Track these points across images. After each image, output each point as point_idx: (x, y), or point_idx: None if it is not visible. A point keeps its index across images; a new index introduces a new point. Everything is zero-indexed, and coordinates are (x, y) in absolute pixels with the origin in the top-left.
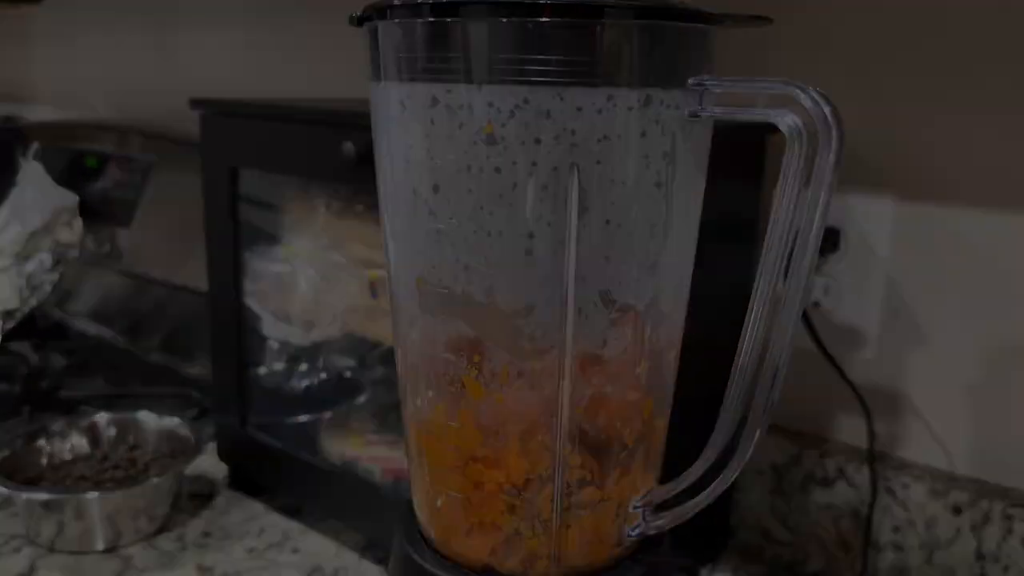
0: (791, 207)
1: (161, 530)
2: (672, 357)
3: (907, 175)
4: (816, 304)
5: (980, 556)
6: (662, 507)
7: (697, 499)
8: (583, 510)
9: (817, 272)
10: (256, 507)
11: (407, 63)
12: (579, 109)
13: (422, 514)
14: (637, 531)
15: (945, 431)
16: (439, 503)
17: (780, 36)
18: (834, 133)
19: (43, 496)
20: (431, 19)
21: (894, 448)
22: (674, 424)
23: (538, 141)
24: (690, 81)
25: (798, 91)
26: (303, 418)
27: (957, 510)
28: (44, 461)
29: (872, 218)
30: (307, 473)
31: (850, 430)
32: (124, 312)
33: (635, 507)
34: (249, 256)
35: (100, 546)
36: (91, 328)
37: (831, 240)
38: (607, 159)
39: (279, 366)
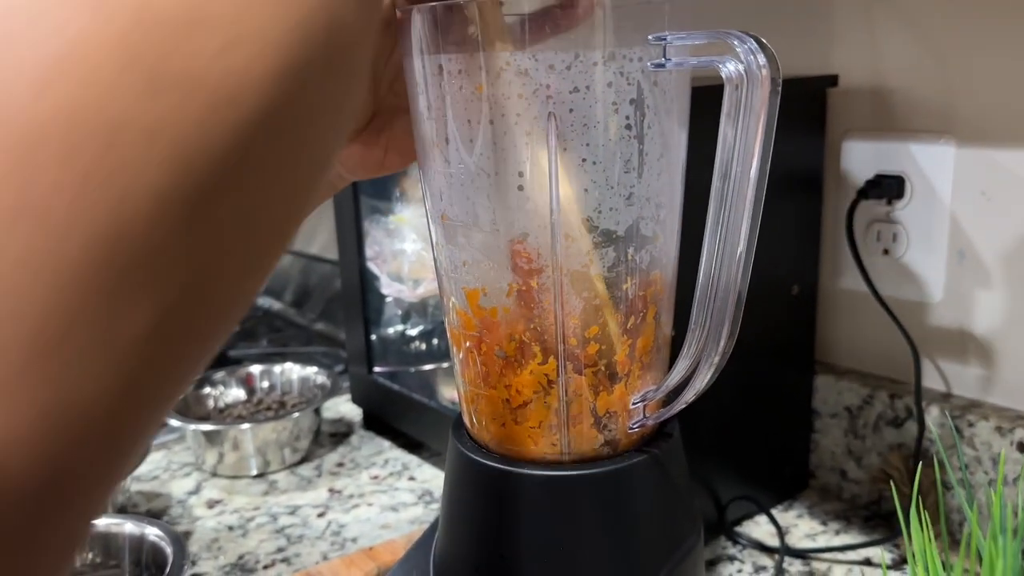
0: (728, 146)
1: (303, 461)
2: (662, 275)
3: (966, 120)
4: (885, 252)
5: None
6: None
7: (680, 398)
8: (585, 406)
9: (885, 220)
10: (383, 443)
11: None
12: (551, 67)
13: (463, 408)
14: (637, 425)
15: (1012, 370)
16: (469, 399)
17: None
18: (764, 74)
19: (207, 428)
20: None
21: (962, 388)
22: None
23: (520, 96)
24: (650, 37)
25: (735, 40)
26: (420, 366)
27: (1023, 447)
28: (211, 404)
29: (934, 164)
30: (424, 414)
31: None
32: (291, 285)
33: (634, 404)
34: (368, 225)
35: (253, 471)
36: (261, 300)
37: (896, 188)
38: (578, 107)
39: (397, 320)
